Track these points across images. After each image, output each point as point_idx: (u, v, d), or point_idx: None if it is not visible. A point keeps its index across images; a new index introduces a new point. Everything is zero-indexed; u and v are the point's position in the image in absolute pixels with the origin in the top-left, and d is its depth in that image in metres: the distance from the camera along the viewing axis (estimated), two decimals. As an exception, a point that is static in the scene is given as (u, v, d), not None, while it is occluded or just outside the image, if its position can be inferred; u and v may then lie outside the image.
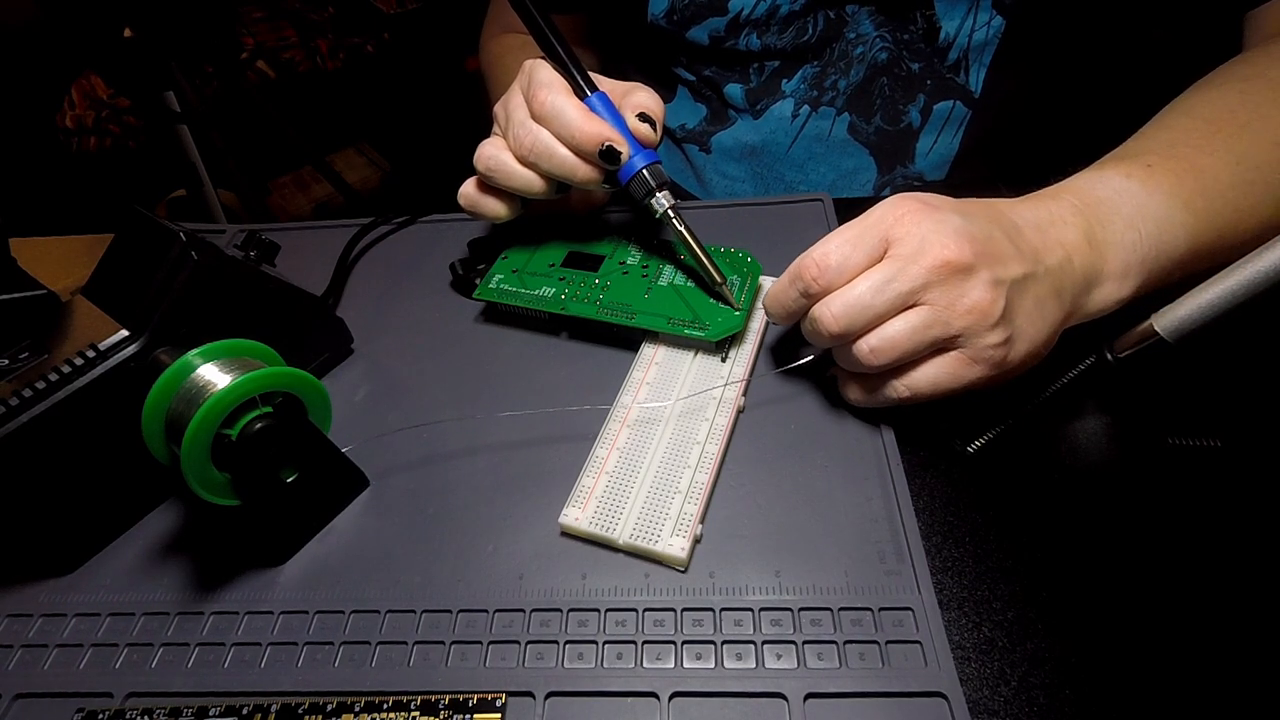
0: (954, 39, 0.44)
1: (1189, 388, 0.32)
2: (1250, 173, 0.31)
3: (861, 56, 0.46)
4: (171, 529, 0.31)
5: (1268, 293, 0.24)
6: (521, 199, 0.37)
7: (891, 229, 0.27)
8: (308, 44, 1.63)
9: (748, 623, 0.26)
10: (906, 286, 0.26)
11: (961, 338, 0.27)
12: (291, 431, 0.28)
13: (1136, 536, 0.27)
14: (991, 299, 0.26)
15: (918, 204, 0.27)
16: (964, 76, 0.45)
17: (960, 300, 0.26)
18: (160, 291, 0.29)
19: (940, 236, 0.26)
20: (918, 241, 0.26)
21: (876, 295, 0.27)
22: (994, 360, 0.27)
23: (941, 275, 0.26)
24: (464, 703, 0.24)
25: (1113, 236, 0.29)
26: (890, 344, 0.27)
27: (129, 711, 0.25)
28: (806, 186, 0.51)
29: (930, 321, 0.26)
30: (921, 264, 0.26)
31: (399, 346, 0.39)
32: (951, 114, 0.46)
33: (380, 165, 1.57)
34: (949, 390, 0.28)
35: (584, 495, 0.29)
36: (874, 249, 0.27)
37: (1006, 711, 0.23)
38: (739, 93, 0.49)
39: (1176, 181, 0.30)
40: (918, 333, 0.27)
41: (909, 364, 0.28)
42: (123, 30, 0.95)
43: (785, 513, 0.29)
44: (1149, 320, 0.27)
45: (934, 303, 0.26)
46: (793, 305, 0.29)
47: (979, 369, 0.27)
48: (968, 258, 0.26)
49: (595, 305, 0.36)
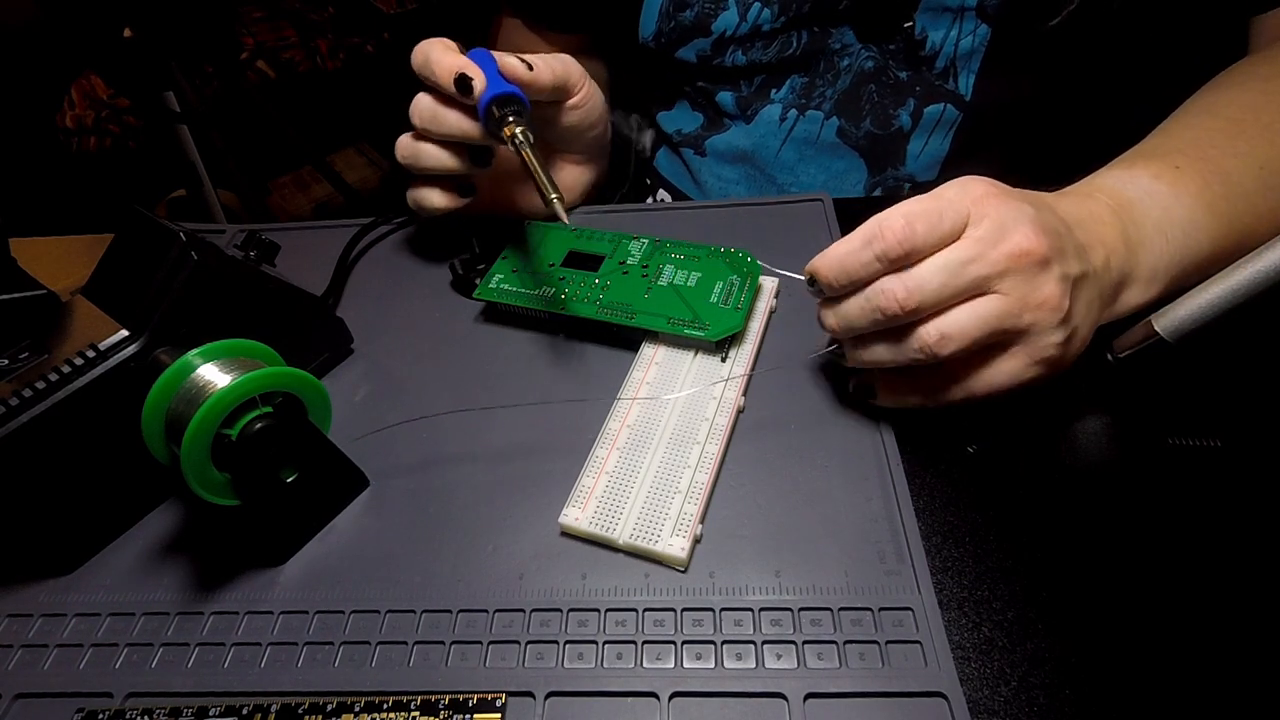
0: (940, 48, 0.44)
1: (1189, 388, 0.32)
2: (1272, 177, 0.31)
3: (849, 67, 0.46)
4: (171, 529, 0.31)
5: (1268, 293, 0.24)
6: (459, 187, 0.38)
7: (971, 209, 0.26)
8: (308, 44, 1.63)
9: (748, 623, 0.26)
10: (985, 271, 0.25)
11: (1026, 334, 0.26)
12: (291, 431, 0.28)
13: (1136, 536, 0.27)
14: (1062, 294, 0.25)
15: (993, 188, 0.26)
16: (953, 83, 0.45)
17: (1034, 293, 0.25)
18: (160, 291, 0.29)
19: (1021, 225, 0.25)
20: (998, 227, 0.25)
21: (954, 276, 0.25)
22: (1052, 360, 0.26)
23: (1020, 265, 0.25)
24: (464, 703, 0.24)
25: (1144, 239, 0.29)
26: (960, 330, 0.25)
27: (129, 711, 0.25)
28: (797, 188, 0.51)
29: (1002, 312, 0.25)
30: (1002, 250, 0.25)
31: (399, 346, 0.39)
32: (943, 116, 0.46)
33: (380, 165, 1.56)
34: (1004, 390, 0.27)
35: (584, 495, 0.29)
36: (955, 227, 0.25)
37: (1006, 711, 0.23)
38: (730, 100, 0.50)
39: (1203, 185, 0.30)
40: (987, 323, 0.25)
41: (962, 364, 0.27)
42: (123, 30, 0.95)
43: (785, 513, 0.29)
44: (1149, 320, 0.27)
45: (1008, 293, 0.25)
46: (860, 270, 0.26)
47: (1037, 369, 0.27)
48: (1045, 250, 0.25)
49: (595, 305, 0.36)
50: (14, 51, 0.88)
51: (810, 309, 0.37)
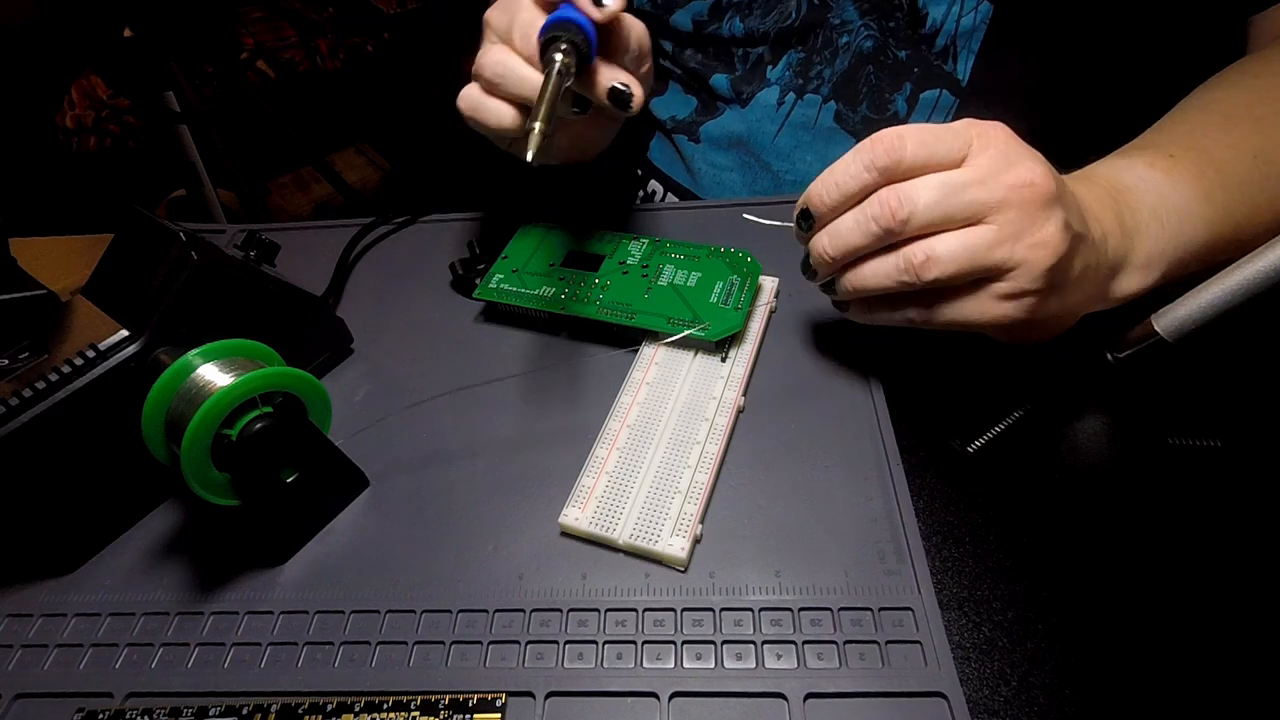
0: (941, 25, 0.43)
1: (1189, 388, 0.32)
2: (1266, 167, 0.31)
3: (847, 46, 0.46)
4: (171, 529, 0.31)
5: (1268, 293, 0.24)
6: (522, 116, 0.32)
7: (975, 138, 0.25)
8: (308, 44, 1.63)
9: (748, 623, 0.26)
10: (984, 197, 0.24)
11: (1013, 271, 0.25)
12: (291, 431, 0.28)
13: (1136, 536, 0.27)
14: (1061, 238, 0.25)
15: (1002, 127, 0.26)
16: (951, 64, 0.45)
17: (1032, 231, 0.24)
18: (160, 291, 0.29)
19: (1029, 160, 0.24)
20: (1003, 157, 0.24)
21: (949, 196, 0.24)
22: (1026, 306, 0.26)
23: (1023, 198, 0.24)
24: (464, 703, 0.24)
25: (1139, 224, 0.29)
26: (947, 257, 0.25)
27: (129, 711, 0.25)
28: (793, 175, 0.51)
29: (995, 243, 0.24)
30: (1006, 179, 0.24)
31: (399, 346, 0.39)
32: (938, 102, 0.46)
33: (380, 165, 1.57)
34: (967, 325, 0.27)
35: (584, 495, 0.29)
36: (953, 151, 0.25)
37: (1006, 711, 0.23)
38: (725, 83, 0.49)
39: (1197, 174, 0.30)
40: (976, 253, 0.25)
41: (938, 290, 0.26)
42: (123, 30, 0.95)
43: (785, 513, 0.29)
44: (1149, 320, 0.27)
45: (1004, 225, 0.24)
46: (850, 182, 0.26)
47: (1009, 308, 0.26)
48: (1053, 189, 0.24)
49: (595, 305, 0.36)
50: (14, 51, 0.88)
51: (810, 309, 0.37)
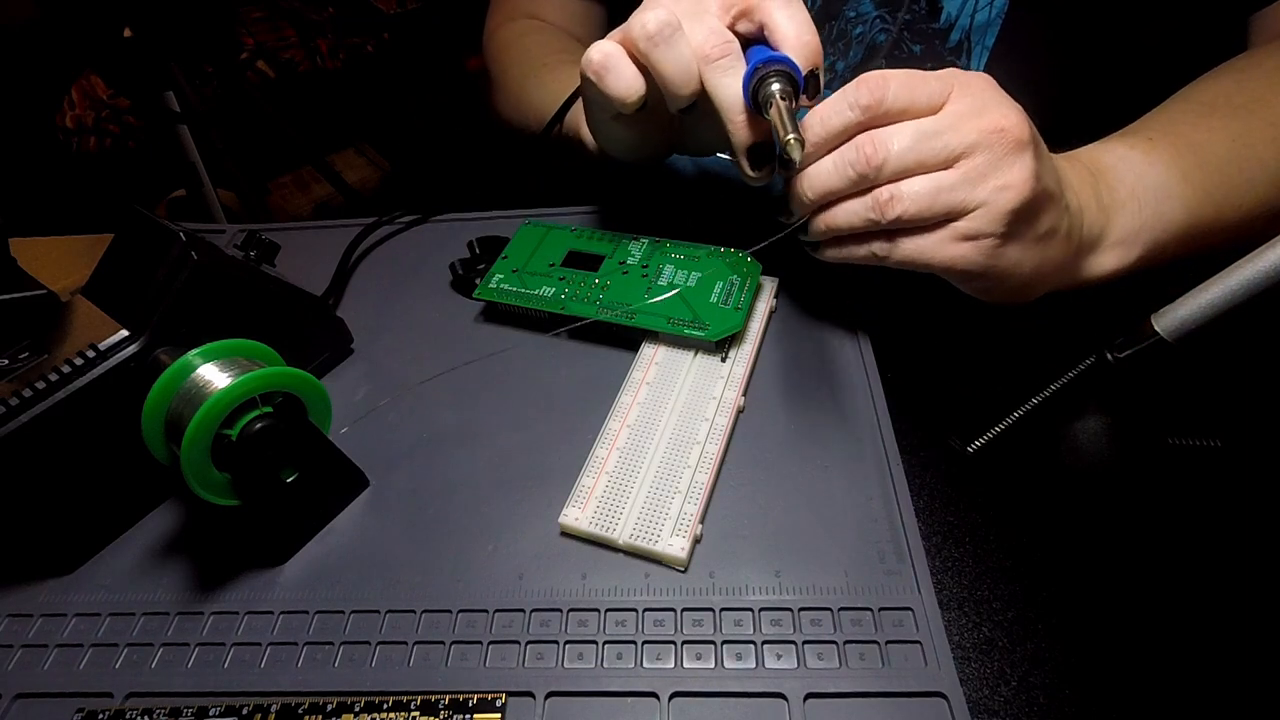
0: (956, 19, 0.44)
1: (1189, 388, 0.32)
2: (1245, 149, 0.32)
3: (861, 37, 0.46)
4: (171, 529, 0.31)
5: (1268, 293, 0.24)
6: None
7: (956, 85, 0.26)
8: (308, 44, 1.63)
9: (748, 623, 0.26)
10: (955, 141, 0.25)
11: (974, 211, 0.26)
12: (291, 431, 0.28)
13: (1136, 536, 0.27)
14: (1027, 184, 0.25)
15: (984, 76, 0.27)
16: (965, 59, 0.45)
17: (998, 173, 0.25)
18: (160, 291, 0.29)
19: (1003, 106, 0.25)
20: (980, 102, 0.25)
21: (922, 140, 0.25)
22: (984, 249, 0.26)
23: (992, 141, 0.25)
24: (464, 703, 0.24)
25: (1117, 202, 0.30)
26: (909, 195, 0.26)
27: (129, 711, 0.25)
28: None
29: (959, 183, 0.25)
30: (978, 124, 0.25)
31: (399, 346, 0.39)
32: None
33: (380, 165, 1.57)
34: (924, 264, 0.27)
35: (584, 495, 0.29)
36: (935, 95, 0.26)
37: (1006, 711, 0.23)
38: None
39: (1175, 154, 0.31)
40: (941, 193, 0.25)
41: (903, 229, 0.27)
42: (123, 30, 0.95)
43: (785, 513, 0.29)
44: (1149, 320, 0.27)
45: (971, 167, 0.25)
46: (834, 118, 0.27)
47: (966, 249, 0.26)
48: (1025, 135, 0.25)
49: (595, 305, 0.36)
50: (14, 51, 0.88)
51: (810, 308, 0.37)
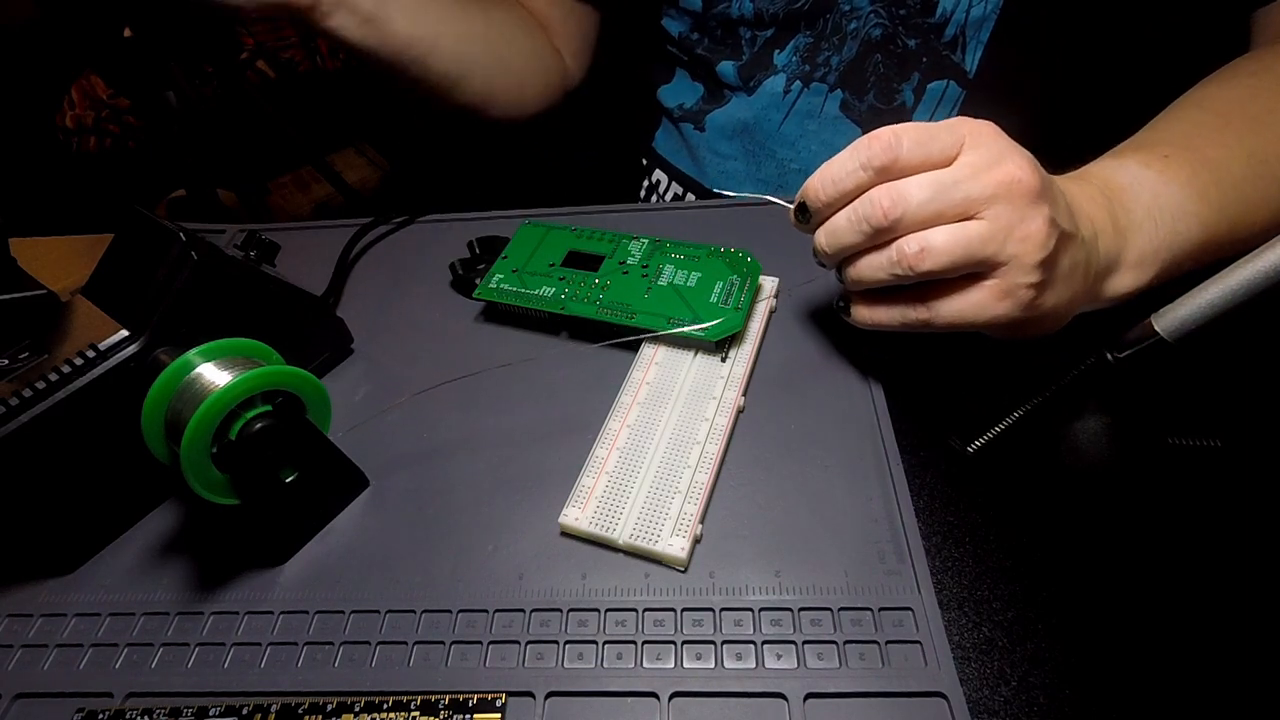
0: (951, 14, 0.44)
1: (1189, 388, 0.32)
2: (1261, 166, 0.32)
3: (855, 32, 0.46)
4: (171, 529, 0.31)
5: (1268, 293, 0.24)
6: None
7: (967, 135, 0.26)
8: (308, 44, 1.63)
9: (748, 623, 0.26)
10: (975, 193, 0.25)
11: (1005, 266, 0.26)
12: (291, 431, 0.28)
13: (1136, 536, 0.27)
14: (1048, 233, 0.25)
15: (993, 126, 0.27)
16: (960, 54, 0.45)
17: (1020, 225, 0.25)
18: (160, 291, 0.29)
19: (1015, 157, 0.25)
20: (994, 154, 0.26)
21: (941, 193, 0.25)
22: (1024, 301, 0.26)
23: (1010, 193, 0.25)
24: (464, 703, 0.24)
25: (1133, 223, 0.29)
26: (940, 249, 0.26)
27: (129, 711, 0.25)
28: (798, 165, 0.51)
29: (986, 237, 0.25)
30: (993, 175, 0.25)
31: (399, 346, 0.39)
32: (945, 93, 0.46)
33: (380, 165, 1.56)
34: (968, 323, 0.27)
35: (584, 495, 0.29)
36: (947, 148, 0.26)
37: (1006, 711, 0.23)
38: (731, 70, 0.49)
39: (1192, 173, 0.31)
40: (970, 246, 0.26)
41: (934, 287, 0.27)
42: (123, 30, 0.95)
43: (785, 513, 0.29)
44: (1149, 320, 0.27)
45: (994, 219, 0.25)
46: (846, 179, 0.27)
47: (1006, 305, 0.27)
48: (1038, 185, 0.25)
49: (595, 305, 0.36)
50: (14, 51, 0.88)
51: (810, 309, 0.37)
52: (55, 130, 1.29)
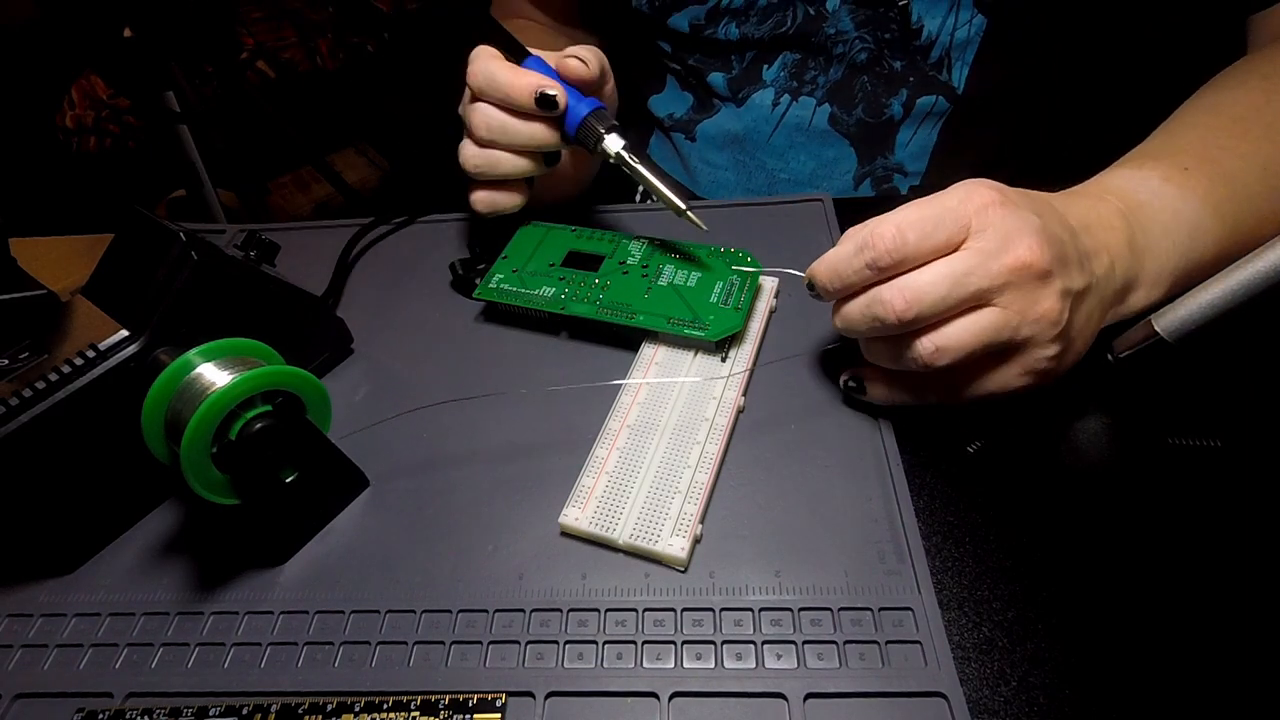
0: (936, 37, 0.44)
1: (1189, 388, 0.32)
2: (1275, 179, 0.31)
3: (842, 56, 0.46)
4: (171, 529, 0.31)
5: (1268, 293, 0.24)
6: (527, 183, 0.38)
7: (973, 218, 0.25)
8: (308, 44, 1.63)
9: (748, 623, 0.26)
10: (985, 283, 0.25)
11: (1022, 346, 0.26)
12: (291, 431, 0.28)
13: (1136, 536, 0.27)
14: (1060, 309, 0.25)
15: (998, 195, 0.26)
16: (946, 74, 0.45)
17: (1033, 307, 0.25)
18: (160, 291, 0.29)
19: (1024, 236, 0.25)
20: (1001, 237, 0.25)
21: (954, 287, 0.25)
22: (1044, 372, 0.27)
23: (1021, 278, 0.25)
24: (464, 703, 0.24)
25: (1151, 243, 0.29)
26: (957, 344, 0.25)
27: (129, 711, 0.25)
28: (787, 175, 0.51)
29: (1000, 325, 0.25)
30: (1004, 262, 0.24)
31: (399, 346, 0.39)
32: (934, 108, 0.47)
33: (380, 165, 1.56)
34: (991, 397, 0.28)
35: (584, 495, 0.29)
36: (953, 235, 0.25)
37: (1006, 711, 0.23)
38: (721, 81, 0.50)
39: (1209, 188, 0.30)
40: (985, 335, 0.25)
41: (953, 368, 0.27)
42: (123, 30, 0.95)
43: (785, 513, 0.29)
44: (1149, 320, 0.27)
45: (1007, 306, 0.25)
46: (853, 277, 0.26)
47: (1027, 379, 0.27)
48: (1048, 263, 0.25)
49: (595, 305, 0.36)
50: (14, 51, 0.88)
51: (810, 308, 0.37)
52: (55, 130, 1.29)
